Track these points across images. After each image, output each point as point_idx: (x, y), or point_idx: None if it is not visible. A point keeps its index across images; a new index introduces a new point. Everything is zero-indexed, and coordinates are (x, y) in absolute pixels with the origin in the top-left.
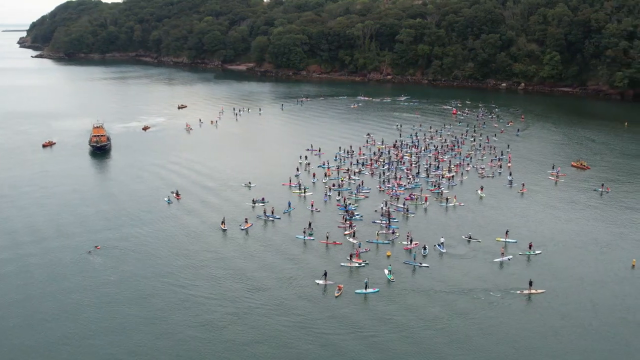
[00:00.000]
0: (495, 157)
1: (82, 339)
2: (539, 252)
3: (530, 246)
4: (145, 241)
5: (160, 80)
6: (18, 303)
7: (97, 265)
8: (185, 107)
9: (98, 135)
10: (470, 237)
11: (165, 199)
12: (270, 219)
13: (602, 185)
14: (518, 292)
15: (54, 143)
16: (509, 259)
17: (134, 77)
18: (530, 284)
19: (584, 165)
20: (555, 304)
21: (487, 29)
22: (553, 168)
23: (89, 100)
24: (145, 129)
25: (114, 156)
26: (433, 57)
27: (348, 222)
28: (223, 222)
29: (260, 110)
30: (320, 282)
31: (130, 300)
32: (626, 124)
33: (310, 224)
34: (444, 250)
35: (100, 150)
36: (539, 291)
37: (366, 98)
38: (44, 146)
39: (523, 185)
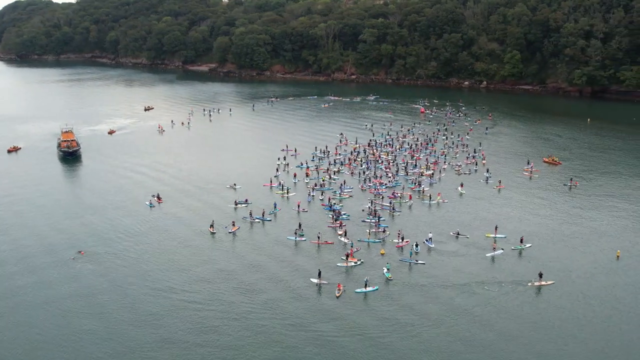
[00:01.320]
0: (469, 154)
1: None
2: (529, 245)
3: (521, 240)
4: (131, 246)
5: (120, 81)
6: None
7: (84, 271)
8: (152, 108)
9: (68, 140)
10: (458, 234)
11: (147, 202)
12: (257, 220)
13: (571, 179)
14: (529, 284)
15: (20, 148)
16: (502, 250)
17: (93, 78)
18: (541, 275)
19: (555, 161)
20: (552, 296)
21: (448, 28)
22: (528, 163)
23: (49, 103)
24: (111, 132)
25: (86, 161)
26: (396, 57)
27: (338, 222)
28: (212, 226)
29: (230, 110)
30: (315, 280)
31: (124, 307)
32: (589, 120)
33: (300, 225)
34: (432, 245)
35: (71, 155)
36: (549, 282)
37: (336, 98)
38: (9, 151)
39: (500, 181)
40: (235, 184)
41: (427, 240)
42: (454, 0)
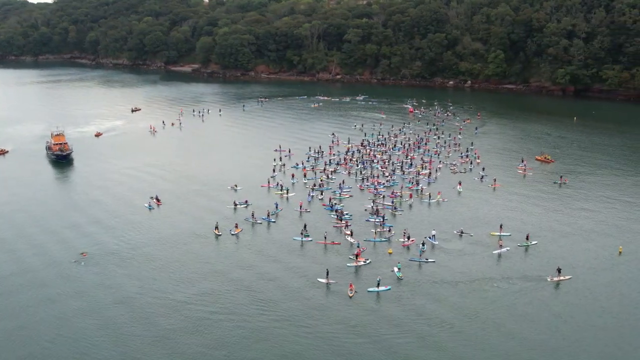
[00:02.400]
0: (462, 153)
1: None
2: (534, 242)
3: (527, 237)
4: (133, 250)
5: (102, 82)
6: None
7: (89, 275)
8: (140, 110)
9: (60, 143)
10: (462, 232)
11: (146, 204)
12: (260, 222)
13: (561, 177)
14: (548, 279)
15: (7, 151)
16: (507, 248)
17: (73, 79)
18: (559, 271)
19: (548, 159)
20: (559, 293)
21: (432, 28)
22: (522, 161)
23: (31, 105)
24: (97, 135)
25: (78, 164)
26: (381, 57)
27: (344, 222)
28: (216, 227)
29: (220, 111)
30: (323, 280)
31: (136, 315)
32: (575, 118)
33: (305, 226)
34: (436, 243)
35: (64, 158)
36: (567, 277)
37: (325, 98)
38: None
39: (495, 180)
40: (236, 185)
41: (430, 238)
42: (437, 1)
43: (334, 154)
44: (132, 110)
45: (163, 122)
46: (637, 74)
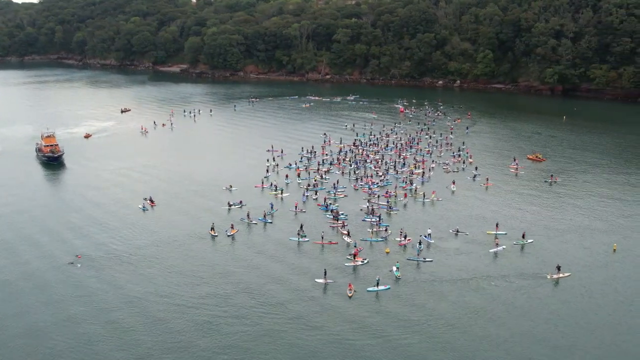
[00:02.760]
0: (454, 153)
1: None
2: (530, 241)
3: (523, 235)
4: (130, 252)
5: (91, 83)
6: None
7: (86, 278)
8: (129, 110)
9: (51, 145)
10: (457, 231)
11: (140, 206)
12: (255, 222)
13: (551, 176)
14: (548, 276)
15: None
16: (504, 247)
17: (61, 80)
18: (559, 268)
19: (539, 158)
20: (558, 291)
21: (421, 28)
22: (514, 160)
23: (18, 106)
24: (87, 136)
25: (70, 166)
26: (370, 57)
27: (341, 222)
28: (212, 228)
29: (211, 111)
30: (321, 280)
31: (141, 322)
32: (564, 117)
33: (302, 226)
34: (432, 241)
35: (56, 160)
36: (566, 275)
37: (316, 98)
38: None
39: (487, 179)
40: (231, 186)
41: (426, 236)
42: (426, 1)
43: (326, 154)
44: (122, 111)
45: (154, 122)
46: (624, 73)
